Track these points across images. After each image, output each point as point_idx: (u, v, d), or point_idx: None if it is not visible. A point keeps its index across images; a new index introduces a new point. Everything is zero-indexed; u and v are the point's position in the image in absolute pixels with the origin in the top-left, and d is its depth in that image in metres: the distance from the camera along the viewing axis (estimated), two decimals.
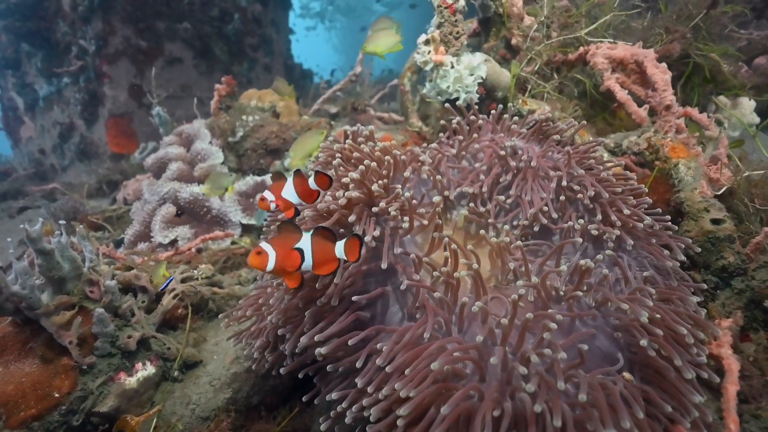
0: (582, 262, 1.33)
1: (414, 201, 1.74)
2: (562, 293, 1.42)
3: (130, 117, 8.40)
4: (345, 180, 1.43)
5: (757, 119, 3.81)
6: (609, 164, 1.96)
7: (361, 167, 1.44)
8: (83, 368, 1.45)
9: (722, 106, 3.72)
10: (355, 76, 4.78)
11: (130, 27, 8.21)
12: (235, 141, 3.19)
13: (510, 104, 2.39)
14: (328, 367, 1.21)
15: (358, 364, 1.13)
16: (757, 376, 1.58)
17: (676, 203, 2.11)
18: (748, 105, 3.73)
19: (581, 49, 2.70)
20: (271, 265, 1.08)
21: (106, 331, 1.46)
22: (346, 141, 1.74)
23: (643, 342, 1.17)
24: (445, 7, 2.00)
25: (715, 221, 1.90)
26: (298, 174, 1.33)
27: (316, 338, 1.16)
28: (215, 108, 3.28)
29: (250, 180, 2.98)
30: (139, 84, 8.42)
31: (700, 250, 1.74)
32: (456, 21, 2.02)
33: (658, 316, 1.30)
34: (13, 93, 8.54)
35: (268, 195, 1.37)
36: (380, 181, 1.44)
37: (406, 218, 1.40)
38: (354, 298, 1.22)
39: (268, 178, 3.04)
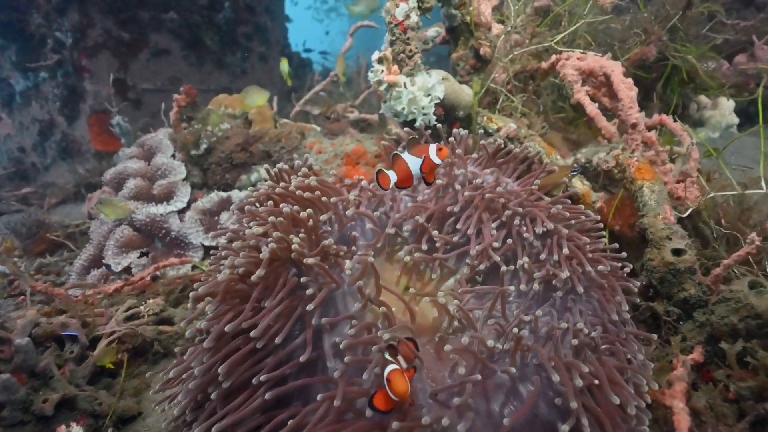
0: (515, 329, 1.24)
1: (358, 242, 1.65)
2: (505, 347, 1.34)
3: (112, 113, 8.22)
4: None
5: (736, 120, 3.72)
6: (567, 192, 1.87)
7: (279, 218, 1.34)
8: None
9: (700, 107, 3.63)
10: (336, 77, 4.64)
11: (110, 18, 8.01)
12: (199, 154, 3.08)
13: (475, 122, 2.29)
14: None
15: None
16: (713, 426, 1.51)
17: (641, 228, 2.02)
18: (727, 106, 3.64)
19: (553, 57, 2.60)
20: None
21: (15, 398, 1.37)
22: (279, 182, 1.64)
23: (564, 428, 1.09)
24: (396, 25, 1.88)
25: (676, 252, 1.82)
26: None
27: (215, 429, 1.08)
28: (175, 120, 3.16)
29: (215, 196, 2.88)
30: (122, 78, 8.24)
31: (638, 300, 1.68)
32: (408, 39, 1.91)
33: (596, 382, 1.23)
34: None
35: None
36: (301, 235, 1.34)
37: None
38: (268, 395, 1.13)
39: (234, 194, 2.94)
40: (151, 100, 7.98)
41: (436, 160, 1.37)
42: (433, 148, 1.37)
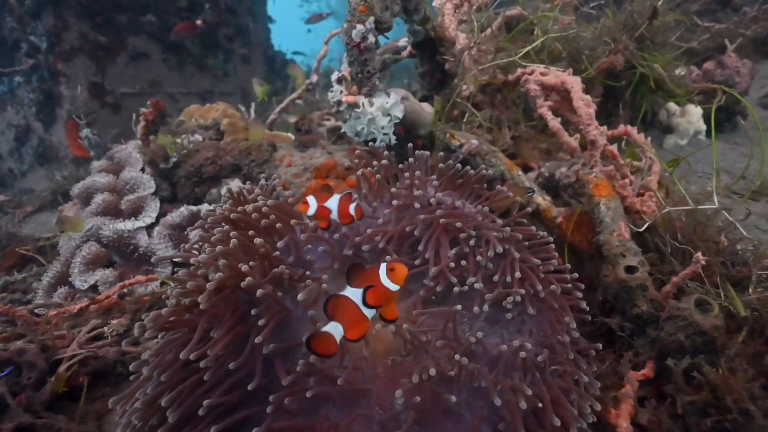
0: (456, 356, 1.28)
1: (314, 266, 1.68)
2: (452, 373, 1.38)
3: (91, 118, 8.15)
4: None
5: (704, 126, 3.80)
6: (524, 212, 1.90)
7: (231, 243, 1.36)
8: None
9: (669, 114, 3.68)
10: (312, 85, 4.66)
11: (86, 21, 7.96)
12: (168, 168, 3.09)
13: (437, 140, 2.32)
14: None
15: None
16: None
17: (598, 245, 2.08)
18: (695, 112, 3.71)
19: (519, 71, 2.65)
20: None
21: None
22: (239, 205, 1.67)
23: None
24: (353, 46, 1.91)
25: (629, 269, 1.88)
26: (347, 195, 1.51)
27: None
28: (143, 134, 3.16)
29: (185, 210, 2.89)
30: (99, 82, 8.18)
31: (590, 318, 1.73)
32: (365, 60, 1.94)
33: (540, 405, 1.27)
34: None
35: (311, 200, 1.51)
36: (251, 263, 1.37)
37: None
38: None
39: (203, 208, 2.95)
40: (131, 104, 7.95)
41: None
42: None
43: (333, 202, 1.49)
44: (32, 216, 5.88)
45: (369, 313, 1.12)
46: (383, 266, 1.13)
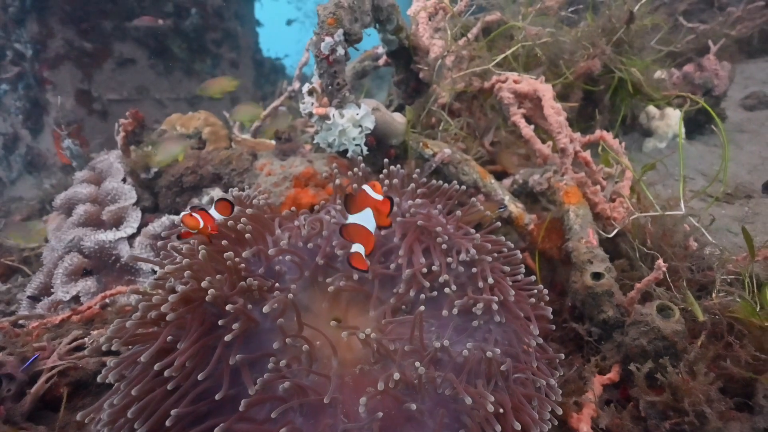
0: (416, 364, 1.34)
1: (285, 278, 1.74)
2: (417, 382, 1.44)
3: (79, 125, 8.18)
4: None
5: (683, 129, 3.87)
6: (493, 226, 1.96)
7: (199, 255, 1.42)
8: None
9: (649, 117, 3.74)
10: (294, 92, 4.72)
11: (72, 28, 7.99)
12: (149, 178, 3.14)
13: (410, 149, 2.38)
14: None
15: None
16: None
17: (567, 252, 2.14)
18: (674, 116, 3.78)
19: (494, 78, 2.71)
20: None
21: None
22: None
23: None
24: (322, 59, 1.97)
25: (595, 276, 1.94)
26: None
27: None
28: (123, 144, 3.21)
29: (166, 220, 2.94)
30: (86, 89, 8.22)
31: (554, 327, 1.78)
32: (335, 72, 1.99)
33: (501, 410, 1.33)
34: None
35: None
36: (218, 277, 1.43)
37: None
38: None
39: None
40: (118, 110, 7.99)
41: None
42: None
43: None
44: (20, 224, 5.91)
45: (372, 228, 1.39)
46: (366, 187, 1.41)
